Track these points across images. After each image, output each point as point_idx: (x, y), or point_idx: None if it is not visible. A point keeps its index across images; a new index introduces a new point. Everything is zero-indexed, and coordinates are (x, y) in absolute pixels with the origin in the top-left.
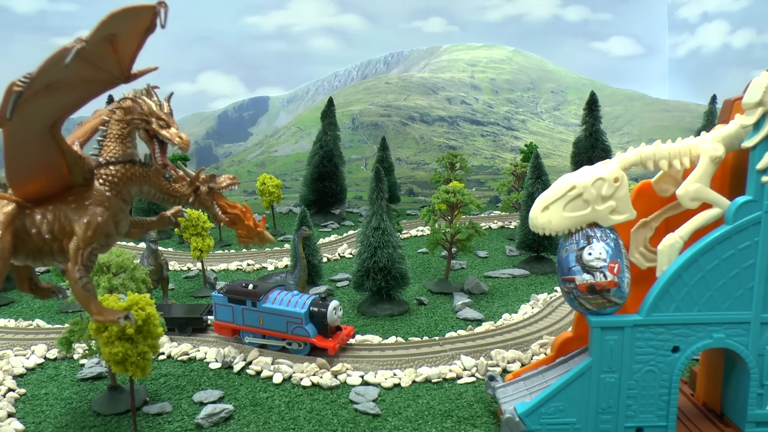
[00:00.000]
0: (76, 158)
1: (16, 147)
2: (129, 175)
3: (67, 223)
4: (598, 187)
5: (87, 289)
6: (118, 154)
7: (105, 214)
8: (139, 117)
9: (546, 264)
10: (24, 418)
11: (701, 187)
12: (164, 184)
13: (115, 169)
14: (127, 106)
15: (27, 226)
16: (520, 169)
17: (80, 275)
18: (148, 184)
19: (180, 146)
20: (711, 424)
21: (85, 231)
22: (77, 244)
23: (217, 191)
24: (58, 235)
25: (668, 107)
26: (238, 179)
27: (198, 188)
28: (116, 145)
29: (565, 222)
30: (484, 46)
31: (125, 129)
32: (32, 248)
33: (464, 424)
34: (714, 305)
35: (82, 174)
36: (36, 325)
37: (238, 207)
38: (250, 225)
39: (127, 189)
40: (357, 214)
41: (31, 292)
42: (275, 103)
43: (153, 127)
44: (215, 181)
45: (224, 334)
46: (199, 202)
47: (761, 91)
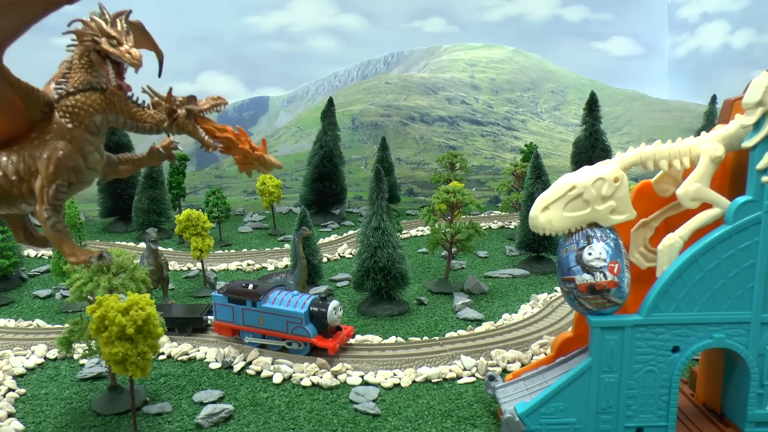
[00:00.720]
0: (28, 91)
1: None
2: (90, 102)
3: (31, 162)
4: (598, 187)
5: (56, 230)
6: (79, 82)
7: (67, 147)
8: (90, 37)
9: (546, 264)
10: (24, 418)
11: (701, 187)
12: (134, 109)
13: (74, 99)
14: (78, 30)
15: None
16: (520, 169)
17: (48, 215)
18: (114, 111)
19: (130, 63)
20: (711, 424)
21: (47, 167)
22: (41, 182)
23: (198, 113)
24: (24, 176)
25: (668, 107)
26: (224, 99)
27: (175, 111)
28: (78, 75)
29: (565, 222)
30: (484, 46)
31: (84, 57)
32: (2, 193)
33: (464, 424)
34: (714, 305)
35: (39, 107)
36: (36, 325)
37: (230, 129)
38: (246, 149)
39: (90, 118)
40: (357, 214)
41: (27, 241)
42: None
43: (102, 47)
44: (195, 102)
45: (224, 334)
46: (178, 127)
47: (761, 91)
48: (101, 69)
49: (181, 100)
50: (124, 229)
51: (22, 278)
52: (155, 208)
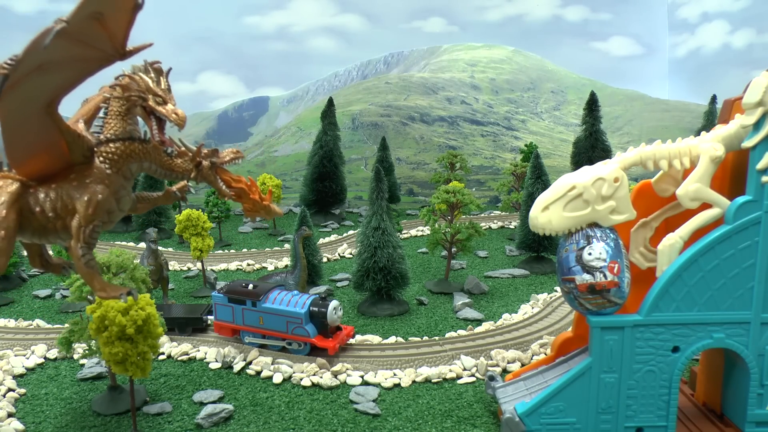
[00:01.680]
0: (75, 137)
1: (12, 128)
2: (129, 151)
3: (69, 201)
4: (598, 187)
5: (90, 266)
6: (118, 131)
7: (105, 192)
8: (136, 94)
9: (546, 264)
10: (24, 418)
11: (701, 187)
12: (165, 159)
13: (114, 146)
14: (124, 83)
15: (31, 204)
16: (520, 169)
17: (83, 252)
18: (148, 160)
19: (176, 123)
20: (711, 424)
21: (87, 209)
22: (79, 221)
23: (220, 166)
24: (61, 213)
25: (668, 107)
26: (242, 153)
27: (200, 163)
28: (116, 122)
29: (565, 222)
30: (484, 46)
31: (124, 106)
32: (37, 226)
33: (464, 424)
34: (714, 305)
35: (82, 152)
36: (36, 325)
37: (243, 180)
38: (256, 199)
39: (128, 165)
40: (357, 214)
41: (43, 267)
42: (275, 103)
43: (149, 104)
44: (218, 156)
45: (224, 334)
46: (202, 176)
47: (761, 91)
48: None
49: (206, 153)
50: (124, 229)
51: (22, 278)
52: (155, 208)
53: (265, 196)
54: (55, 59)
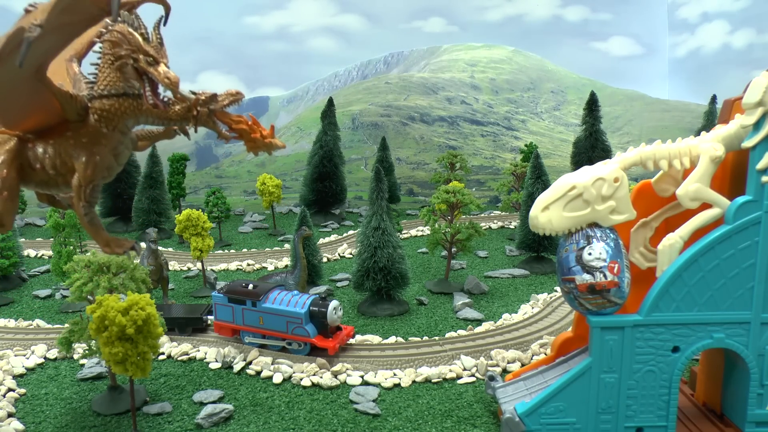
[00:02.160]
0: (68, 98)
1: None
2: (123, 109)
3: (68, 159)
4: (598, 187)
5: (93, 223)
6: (111, 84)
7: (103, 151)
8: (126, 52)
9: (546, 264)
10: (24, 418)
11: (701, 187)
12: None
13: (108, 103)
14: (114, 39)
15: (31, 160)
16: (520, 169)
17: (85, 211)
18: (144, 115)
19: (168, 87)
20: (711, 424)
21: (85, 170)
22: (79, 181)
23: (219, 110)
24: (61, 170)
25: (668, 107)
26: (242, 93)
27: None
28: (109, 74)
29: (565, 222)
30: (484, 46)
31: (114, 62)
32: (38, 180)
33: (464, 424)
34: (714, 305)
35: (77, 111)
36: (36, 325)
37: (244, 120)
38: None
39: (123, 122)
40: (357, 214)
41: (50, 202)
42: (275, 103)
43: (141, 65)
44: (215, 101)
45: (224, 334)
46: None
47: (761, 91)
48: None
49: (204, 99)
50: (124, 229)
51: (22, 278)
52: (155, 208)
53: (267, 132)
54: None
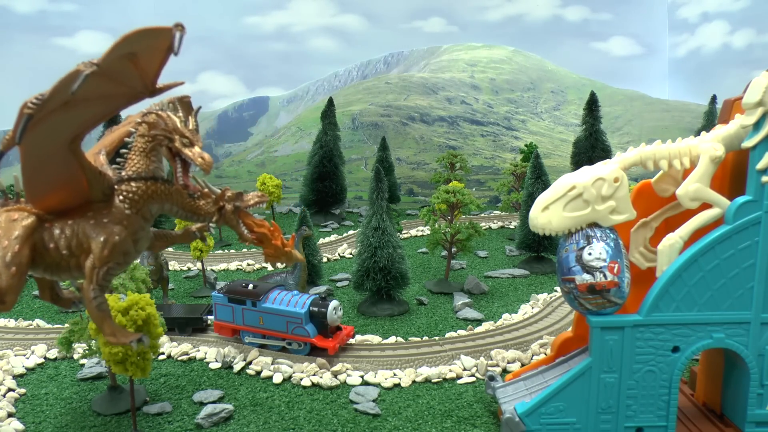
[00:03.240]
0: (96, 174)
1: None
2: (150, 192)
3: (84, 240)
4: (598, 187)
5: (101, 309)
6: (141, 169)
7: (123, 233)
8: (162, 133)
9: (546, 264)
10: (24, 418)
11: (701, 187)
12: (188, 201)
13: (136, 185)
14: (151, 120)
15: (45, 240)
16: (520, 169)
17: (95, 295)
18: (170, 202)
19: (202, 167)
20: (711, 424)
21: (102, 250)
22: (93, 262)
23: (244, 209)
24: (76, 251)
25: (668, 107)
26: (266, 196)
27: (223, 207)
28: (140, 160)
29: (565, 222)
30: (484, 46)
31: (149, 144)
32: (50, 262)
33: (464, 424)
34: (714, 305)
35: (102, 190)
36: (36, 325)
37: (266, 225)
38: (278, 244)
39: (148, 206)
40: (357, 214)
41: (52, 301)
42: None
43: (176, 146)
44: (242, 199)
45: (224, 334)
46: (224, 220)
47: (761, 91)
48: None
49: (230, 197)
50: None
51: None
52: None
53: (288, 242)
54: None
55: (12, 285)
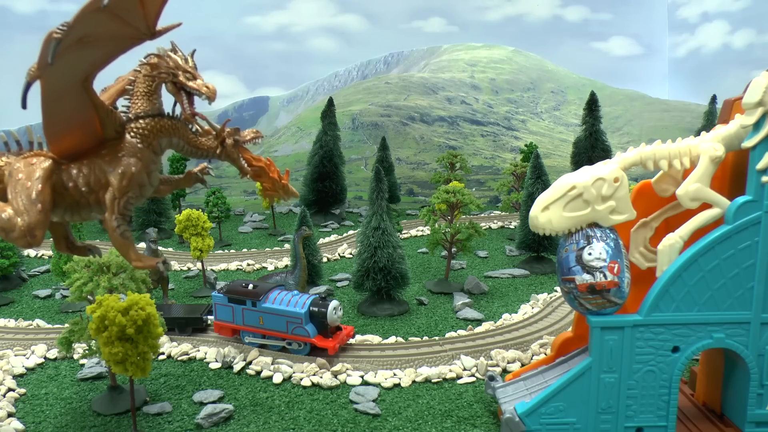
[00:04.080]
0: (108, 112)
1: (52, 101)
2: (159, 127)
3: (102, 175)
4: (598, 187)
5: (125, 237)
6: (146, 108)
7: (138, 165)
8: (166, 71)
9: (546, 264)
10: (24, 418)
11: (701, 187)
12: (191, 136)
13: (145, 122)
14: (153, 62)
15: (64, 180)
16: (520, 169)
17: (118, 223)
18: (177, 136)
19: (207, 95)
20: (711, 424)
21: (120, 181)
22: (113, 193)
23: (242, 144)
24: (95, 187)
25: (668, 107)
26: (261, 133)
27: (224, 140)
28: (144, 101)
29: (565, 222)
30: (484, 46)
31: (152, 84)
32: (70, 201)
33: (464, 424)
34: (714, 305)
35: (114, 127)
36: (36, 325)
37: (263, 160)
38: (275, 177)
39: (158, 141)
40: (357, 214)
41: (68, 250)
42: (275, 103)
43: (180, 80)
44: (240, 134)
45: (224, 334)
46: (226, 154)
47: (761, 91)
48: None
49: (229, 131)
50: None
51: (22, 278)
52: (155, 208)
53: (284, 176)
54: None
55: (40, 220)
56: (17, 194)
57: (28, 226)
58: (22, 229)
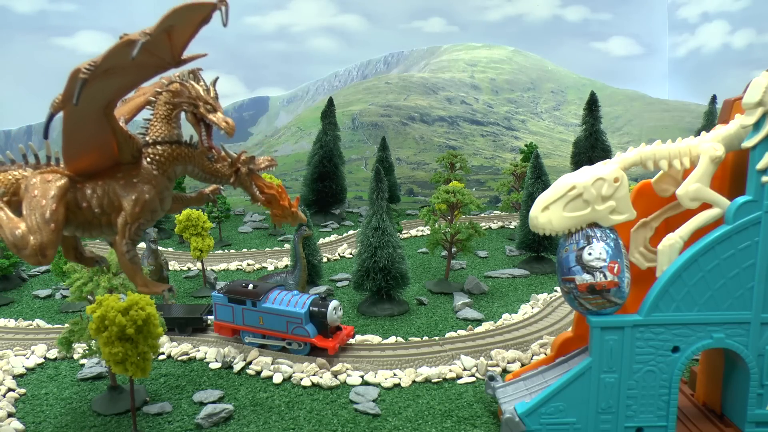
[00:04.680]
0: (126, 137)
1: (73, 126)
2: (175, 155)
3: (115, 199)
4: (598, 187)
5: (134, 262)
6: (164, 134)
7: (152, 192)
8: (187, 101)
9: (546, 264)
10: (24, 418)
11: (701, 187)
12: (207, 164)
13: (162, 148)
14: (175, 89)
15: (78, 199)
16: (520, 169)
17: (127, 248)
18: (192, 164)
19: (226, 131)
20: (711, 424)
21: (133, 207)
22: (125, 219)
23: (256, 172)
24: (107, 209)
25: (668, 107)
26: (275, 161)
27: (239, 169)
28: (162, 126)
29: (565, 222)
30: (484, 46)
31: (172, 111)
32: (82, 220)
33: (464, 424)
34: (714, 305)
35: (131, 152)
36: (36, 325)
37: (275, 187)
38: (285, 205)
39: (173, 168)
40: (357, 214)
41: (76, 260)
42: (275, 103)
43: (200, 111)
44: (254, 162)
45: (224, 334)
46: (239, 182)
47: (761, 91)
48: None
49: (244, 160)
50: None
51: (22, 278)
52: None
53: (293, 203)
54: (122, 65)
55: (52, 240)
56: (32, 212)
57: (40, 246)
58: (34, 248)
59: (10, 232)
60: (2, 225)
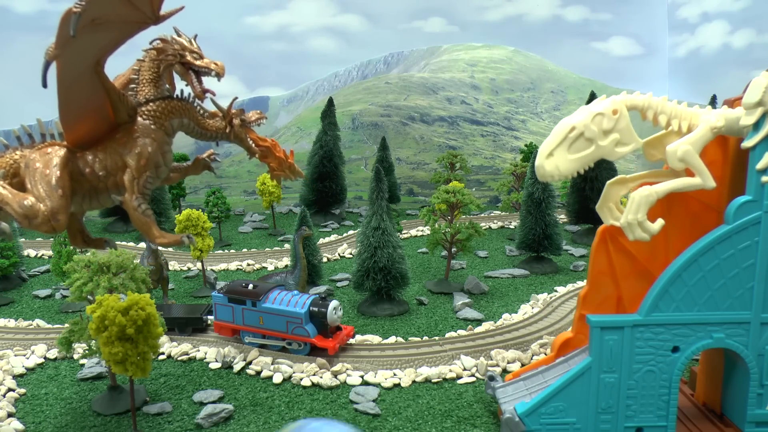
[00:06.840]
0: (120, 96)
1: (67, 86)
2: (170, 108)
3: (118, 158)
4: (598, 123)
5: (146, 215)
6: (153, 94)
7: (153, 144)
8: (173, 52)
9: (546, 264)
10: (24, 418)
11: (691, 150)
12: (201, 118)
13: (155, 104)
14: (159, 46)
15: (80, 167)
16: (520, 169)
17: (138, 203)
18: (187, 116)
19: (216, 71)
20: (711, 424)
21: (138, 161)
22: (132, 174)
23: (248, 124)
24: (112, 170)
25: None
26: (265, 115)
27: (232, 120)
28: (150, 87)
29: (572, 165)
30: (484, 46)
31: (157, 70)
32: (88, 188)
33: (464, 424)
34: (714, 305)
35: (126, 111)
36: (36, 325)
37: (268, 140)
38: (281, 156)
39: (169, 121)
40: (357, 214)
41: (84, 244)
42: (275, 103)
43: (188, 59)
44: (245, 115)
45: (224, 334)
46: (234, 134)
47: (761, 91)
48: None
49: (235, 112)
50: (124, 229)
51: (22, 278)
52: (155, 208)
53: (288, 155)
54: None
55: (62, 204)
56: (37, 182)
57: (51, 211)
58: (46, 214)
59: (19, 204)
60: (8, 201)
